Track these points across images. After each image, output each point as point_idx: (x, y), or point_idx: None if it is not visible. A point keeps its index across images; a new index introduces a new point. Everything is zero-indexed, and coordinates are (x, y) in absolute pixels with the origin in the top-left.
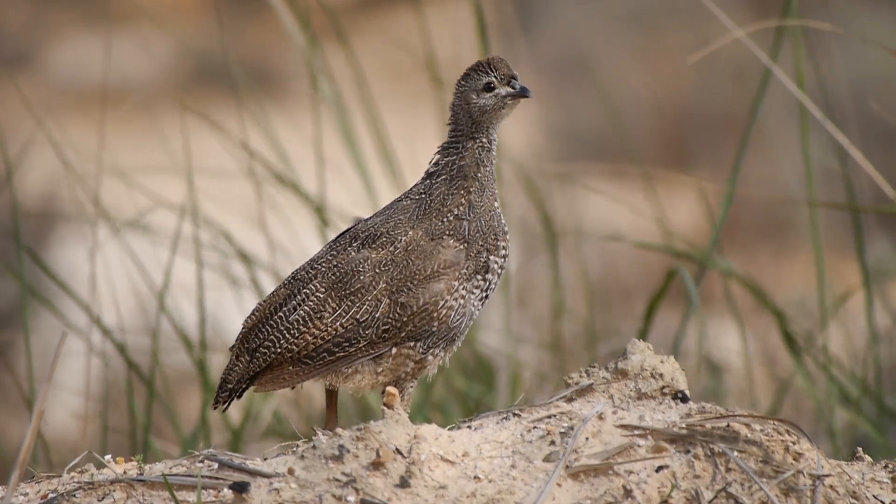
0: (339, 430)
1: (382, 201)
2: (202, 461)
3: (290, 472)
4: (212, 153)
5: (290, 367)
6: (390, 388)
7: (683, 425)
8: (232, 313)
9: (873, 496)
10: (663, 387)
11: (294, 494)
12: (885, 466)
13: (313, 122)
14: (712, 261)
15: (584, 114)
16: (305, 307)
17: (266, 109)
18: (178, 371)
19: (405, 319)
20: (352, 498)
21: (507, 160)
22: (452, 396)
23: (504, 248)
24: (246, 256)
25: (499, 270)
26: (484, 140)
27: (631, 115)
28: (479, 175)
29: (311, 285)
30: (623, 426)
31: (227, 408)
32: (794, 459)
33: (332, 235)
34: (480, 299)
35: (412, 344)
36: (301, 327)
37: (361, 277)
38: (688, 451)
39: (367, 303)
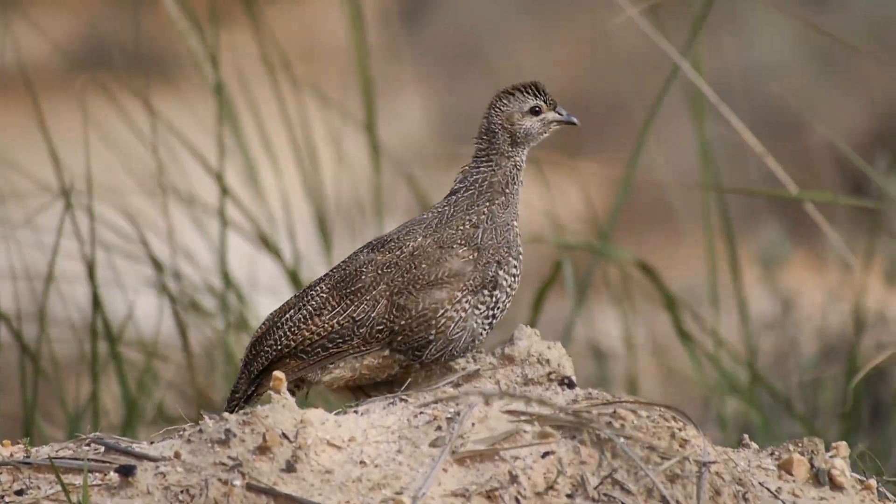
0: (225, 414)
1: (266, 186)
2: (89, 444)
3: (177, 455)
4: (104, 139)
5: (289, 361)
6: (277, 373)
7: (570, 411)
8: (118, 299)
9: (759, 483)
10: (550, 373)
11: (180, 478)
12: (772, 453)
13: (217, 109)
14: (606, 248)
15: (478, 100)
16: (308, 306)
17: (163, 96)
18: (68, 356)
19: (403, 323)
20: (238, 482)
21: (390, 147)
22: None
23: (516, 267)
24: (139, 241)
25: (508, 289)
26: (518, 160)
27: None
28: (507, 191)
29: (317, 287)
30: (509, 412)
31: None
32: (680, 446)
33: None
34: (486, 317)
35: (406, 351)
36: (301, 324)
37: (363, 277)
38: (574, 437)
39: (364, 302)
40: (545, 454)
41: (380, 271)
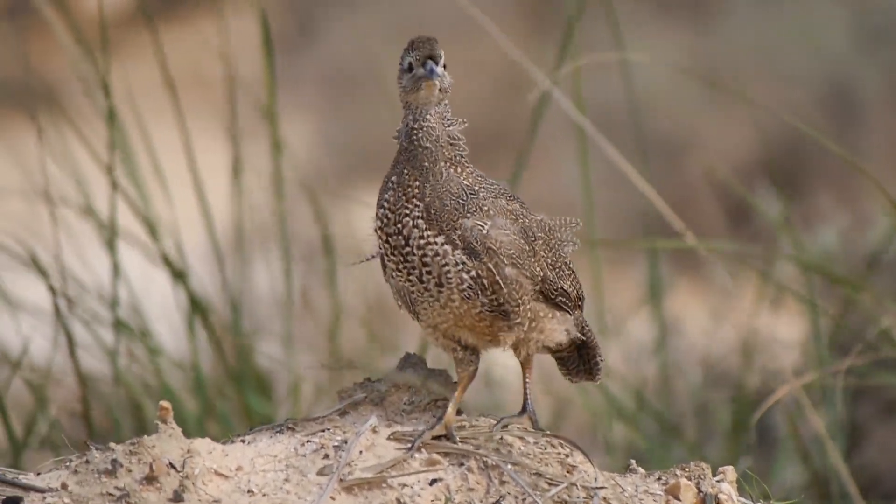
0: (112, 444)
1: (161, 213)
2: None
3: (64, 486)
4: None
5: None
6: (163, 403)
7: (458, 438)
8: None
9: None
10: (437, 399)
11: None
12: (659, 478)
13: (109, 136)
14: None
15: (369, 125)
16: None
17: (59, 127)
18: None
19: None
20: None
21: (291, 171)
22: (233, 409)
23: (377, 217)
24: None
25: (383, 236)
26: (410, 118)
27: None
28: (400, 149)
29: None
30: (397, 439)
31: None
32: (567, 472)
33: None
34: (394, 271)
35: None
36: None
37: None
38: (462, 464)
39: None
40: (433, 481)
41: None
